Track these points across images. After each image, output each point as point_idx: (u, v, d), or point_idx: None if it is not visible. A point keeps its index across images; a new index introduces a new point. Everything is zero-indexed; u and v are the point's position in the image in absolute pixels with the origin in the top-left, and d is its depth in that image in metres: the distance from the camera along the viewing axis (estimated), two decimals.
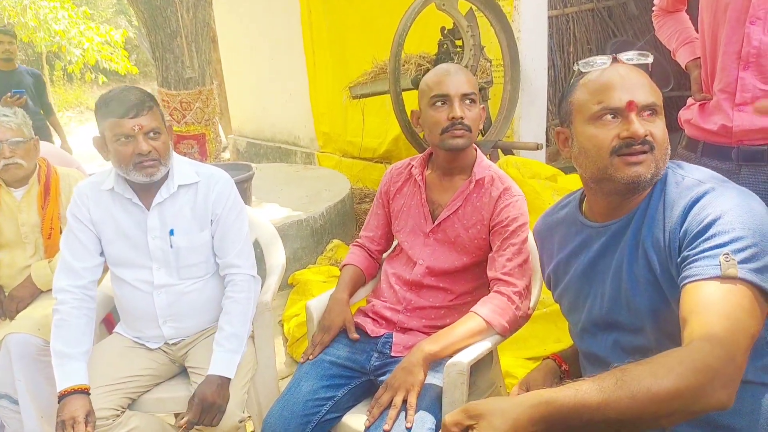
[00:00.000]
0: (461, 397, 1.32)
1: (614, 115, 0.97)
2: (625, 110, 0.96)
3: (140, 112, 1.48)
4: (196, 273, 1.65)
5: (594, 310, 1.06)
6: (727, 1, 1.37)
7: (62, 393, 1.45)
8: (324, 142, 5.40)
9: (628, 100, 0.96)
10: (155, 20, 3.18)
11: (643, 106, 0.96)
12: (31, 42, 9.43)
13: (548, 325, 2.30)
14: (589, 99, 0.99)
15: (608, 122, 0.97)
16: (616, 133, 0.97)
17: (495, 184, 1.52)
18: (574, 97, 1.03)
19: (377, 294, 1.66)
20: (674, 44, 1.71)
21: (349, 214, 3.80)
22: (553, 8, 4.36)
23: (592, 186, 1.05)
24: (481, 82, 3.30)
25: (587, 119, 1.00)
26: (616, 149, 0.96)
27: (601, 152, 0.98)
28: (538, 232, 1.26)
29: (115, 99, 1.49)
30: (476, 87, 1.51)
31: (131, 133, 1.48)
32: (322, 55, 5.15)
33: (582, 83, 1.03)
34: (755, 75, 1.37)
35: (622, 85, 0.97)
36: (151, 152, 1.50)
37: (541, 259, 1.27)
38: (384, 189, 1.70)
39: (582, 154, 1.01)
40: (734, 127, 1.40)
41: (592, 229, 1.08)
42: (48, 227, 2.00)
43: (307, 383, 1.45)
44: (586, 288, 1.08)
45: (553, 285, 1.20)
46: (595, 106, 0.98)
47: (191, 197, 1.63)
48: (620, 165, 0.96)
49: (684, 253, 0.89)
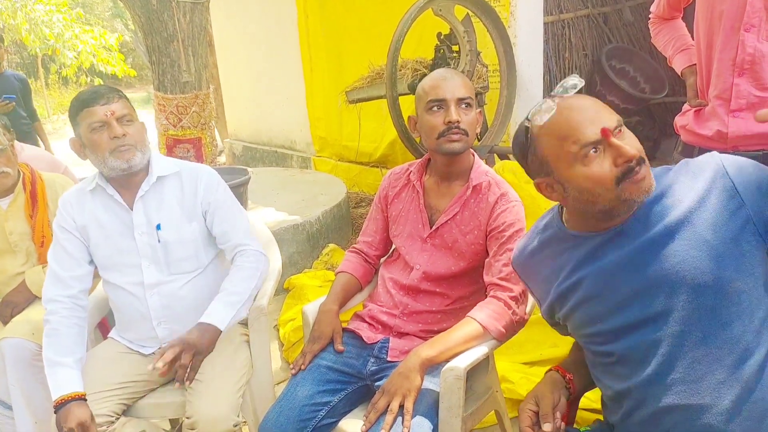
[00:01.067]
0: (458, 402, 1.32)
1: (596, 149, 0.97)
2: (603, 139, 0.97)
3: (110, 100, 1.53)
4: (186, 267, 1.64)
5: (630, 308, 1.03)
6: (721, 9, 1.39)
7: (59, 401, 1.44)
8: (320, 147, 5.40)
9: (602, 128, 0.96)
10: (152, 24, 3.18)
11: (614, 128, 0.97)
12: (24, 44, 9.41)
13: (544, 330, 2.28)
14: (564, 145, 0.99)
15: (595, 157, 0.97)
16: (609, 162, 0.97)
17: (492, 189, 1.52)
18: (542, 148, 1.02)
19: (374, 298, 1.65)
20: (670, 51, 1.72)
21: (345, 219, 3.80)
22: (549, 14, 4.38)
23: (600, 216, 1.04)
24: (478, 88, 3.31)
25: (572, 163, 0.99)
26: (620, 177, 0.97)
27: (605, 185, 0.97)
28: (520, 265, 1.24)
29: (85, 92, 1.56)
30: (472, 91, 1.51)
31: (104, 119, 1.51)
32: (318, 60, 5.15)
33: (543, 133, 1.02)
34: (750, 81, 1.38)
35: (586, 119, 0.97)
36: (126, 136, 1.53)
37: (533, 292, 1.24)
38: (382, 194, 1.70)
39: (585, 193, 1.00)
40: (729, 133, 1.42)
41: (597, 237, 1.06)
42: (40, 235, 1.98)
43: (304, 388, 1.44)
44: (608, 293, 1.06)
45: (559, 308, 1.16)
46: (574, 147, 0.97)
47: (177, 190, 1.64)
48: (630, 187, 0.97)
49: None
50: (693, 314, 0.97)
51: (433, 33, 3.31)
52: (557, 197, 1.06)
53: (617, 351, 1.06)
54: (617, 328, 1.05)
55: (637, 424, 1.04)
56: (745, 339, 0.95)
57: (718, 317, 0.96)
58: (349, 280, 1.68)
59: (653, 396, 1.00)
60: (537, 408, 1.11)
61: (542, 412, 1.09)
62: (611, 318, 1.05)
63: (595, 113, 0.98)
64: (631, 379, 1.03)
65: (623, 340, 1.04)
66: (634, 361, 1.04)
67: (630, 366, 1.04)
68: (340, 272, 1.71)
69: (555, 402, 1.11)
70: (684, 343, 0.98)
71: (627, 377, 1.04)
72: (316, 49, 5.15)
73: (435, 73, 1.53)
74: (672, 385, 0.98)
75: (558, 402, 1.11)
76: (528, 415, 1.10)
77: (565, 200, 1.05)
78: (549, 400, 1.10)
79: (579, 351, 1.21)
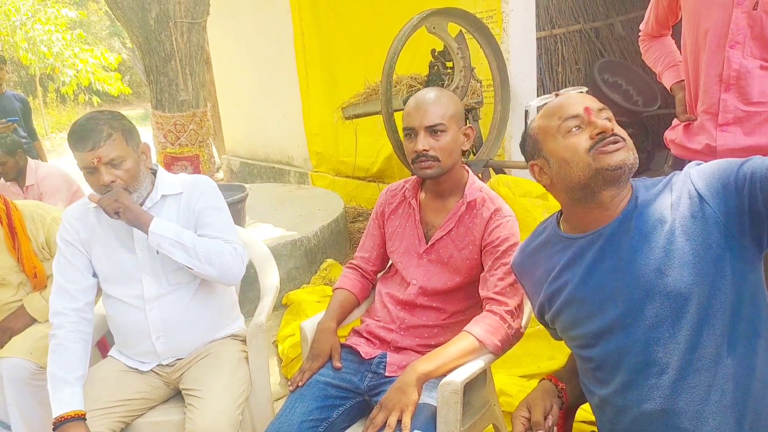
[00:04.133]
0: (455, 416, 1.33)
1: (578, 126, 1.06)
2: (585, 115, 1.06)
3: (97, 144, 1.47)
4: (183, 278, 1.64)
5: (607, 312, 1.06)
6: (707, 27, 1.42)
7: (58, 420, 1.44)
8: (317, 162, 5.43)
9: (584, 107, 1.06)
10: (149, 43, 3.22)
11: (598, 109, 1.06)
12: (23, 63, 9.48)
13: (541, 343, 2.31)
14: (550, 120, 1.10)
15: (576, 133, 1.06)
16: (586, 136, 1.05)
17: (486, 205, 1.54)
18: (536, 126, 1.13)
19: (371, 314, 1.67)
20: (659, 68, 1.76)
21: (343, 234, 3.82)
22: (541, 30, 4.44)
23: (579, 195, 1.08)
24: (472, 103, 3.35)
25: (555, 135, 1.09)
26: (591, 147, 1.04)
27: (579, 155, 1.05)
28: (518, 265, 1.29)
29: (77, 131, 1.50)
30: (448, 116, 1.49)
31: (92, 165, 1.49)
32: (314, 77, 5.20)
33: (538, 116, 1.13)
34: (737, 96, 1.41)
35: (573, 101, 1.08)
36: (114, 182, 1.50)
37: (527, 291, 1.29)
38: (379, 210, 1.72)
39: (564, 165, 1.08)
40: (718, 147, 1.44)
41: (582, 239, 1.11)
42: (30, 267, 1.96)
43: (302, 404, 1.45)
44: (589, 296, 1.09)
45: (547, 309, 1.21)
46: (557, 121, 1.08)
47: (176, 204, 1.66)
48: (602, 156, 1.03)
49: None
50: (665, 321, 1.00)
51: (427, 49, 3.36)
52: (546, 181, 1.14)
53: (595, 356, 1.09)
54: (595, 332, 1.08)
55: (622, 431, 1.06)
56: (715, 345, 0.97)
57: (689, 324, 0.98)
58: (347, 297, 1.69)
59: (632, 402, 1.03)
60: (529, 415, 1.13)
61: (534, 420, 1.11)
62: (590, 321, 1.09)
63: (585, 100, 1.08)
64: (610, 386, 1.06)
65: (600, 345, 1.08)
66: (610, 367, 1.07)
67: (607, 371, 1.07)
68: (337, 288, 1.72)
69: (547, 410, 1.13)
70: (655, 350, 1.00)
71: (606, 383, 1.07)
72: (312, 66, 5.20)
73: (412, 99, 1.55)
74: (649, 391, 1.00)
75: (550, 410, 1.13)
76: (521, 422, 1.13)
77: (551, 184, 1.13)
78: (541, 408, 1.12)
79: (573, 361, 1.23)
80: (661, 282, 1.00)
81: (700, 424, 0.97)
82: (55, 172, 3.23)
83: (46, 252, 1.99)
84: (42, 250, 1.98)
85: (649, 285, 1.01)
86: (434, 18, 3.08)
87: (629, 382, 1.03)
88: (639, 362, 1.02)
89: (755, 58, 1.37)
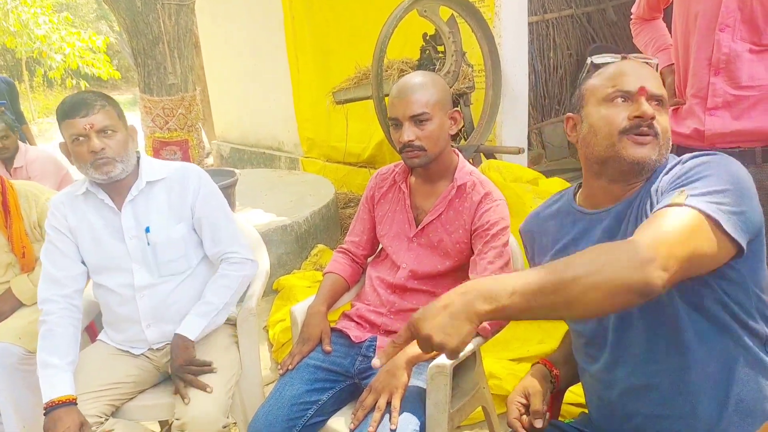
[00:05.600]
0: (444, 398, 1.34)
1: (625, 99, 1.02)
2: (637, 94, 1.02)
3: (91, 111, 1.51)
4: (177, 269, 1.65)
5: None
6: (697, 10, 1.42)
7: (49, 404, 1.44)
8: (308, 147, 5.41)
9: (641, 86, 1.02)
10: (137, 26, 3.17)
11: (652, 94, 1.02)
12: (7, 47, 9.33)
13: (531, 327, 2.33)
14: (604, 83, 1.05)
15: (620, 104, 1.03)
16: (626, 114, 1.01)
17: (476, 188, 1.54)
18: (589, 84, 1.08)
19: (361, 298, 1.67)
20: (650, 51, 1.76)
21: (334, 219, 3.81)
22: (533, 14, 4.42)
23: (596, 168, 1.08)
24: (463, 87, 3.34)
25: (600, 100, 1.05)
26: (626, 129, 1.01)
27: (611, 130, 1.02)
28: (527, 229, 1.27)
29: (68, 102, 1.53)
30: (432, 103, 1.47)
31: (83, 132, 1.50)
32: (305, 61, 5.16)
33: (598, 73, 1.08)
34: (726, 80, 1.41)
35: (636, 74, 1.03)
36: (104, 149, 1.51)
37: (530, 256, 1.28)
38: (369, 194, 1.71)
39: (591, 133, 1.06)
40: (706, 131, 1.45)
41: (592, 216, 1.10)
42: (19, 246, 1.95)
43: (292, 387, 1.45)
44: None
45: None
46: (609, 89, 1.04)
47: (165, 193, 1.65)
48: (628, 144, 1.01)
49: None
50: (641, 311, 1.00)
51: (419, 34, 3.34)
52: (574, 138, 1.12)
53: (585, 333, 1.11)
54: None
55: (608, 407, 1.08)
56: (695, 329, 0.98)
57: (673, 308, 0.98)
58: (337, 281, 1.70)
59: (618, 377, 1.04)
60: (525, 401, 1.13)
61: (533, 408, 1.11)
62: None
63: (646, 76, 1.04)
64: (599, 361, 1.07)
65: (589, 322, 1.09)
66: (597, 344, 1.08)
67: (596, 347, 1.08)
68: (327, 273, 1.72)
69: (545, 397, 1.14)
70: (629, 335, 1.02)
71: (596, 358, 1.08)
72: (302, 51, 5.16)
73: (395, 87, 1.53)
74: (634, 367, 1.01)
75: (546, 396, 1.14)
76: (516, 407, 1.13)
77: (577, 143, 1.10)
78: (540, 396, 1.13)
79: (566, 346, 1.24)
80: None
81: (683, 401, 0.98)
82: (45, 156, 3.20)
83: (37, 232, 1.98)
84: (33, 230, 1.97)
85: None
86: (426, 1, 3.06)
87: (616, 359, 1.04)
88: (617, 344, 1.03)
89: (744, 42, 1.37)
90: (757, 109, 1.40)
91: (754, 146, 1.42)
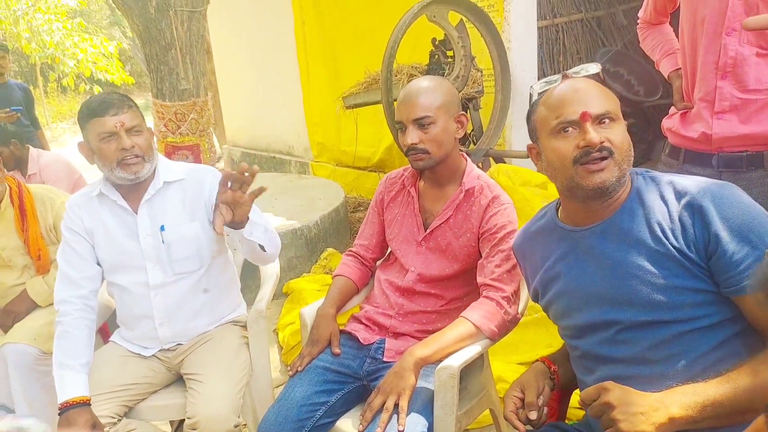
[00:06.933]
0: (452, 400, 1.35)
1: (572, 128, 1.04)
2: (580, 121, 1.03)
3: (120, 110, 1.54)
4: (190, 267, 1.66)
5: (592, 309, 1.09)
6: (704, 14, 1.42)
7: (64, 405, 1.47)
8: (318, 152, 5.44)
9: (582, 112, 1.03)
10: (150, 32, 3.22)
11: (596, 115, 1.03)
12: (24, 52, 9.46)
13: (539, 330, 2.33)
14: (549, 115, 1.08)
15: (567, 134, 1.05)
16: (575, 143, 1.03)
17: (484, 192, 1.55)
18: (537, 115, 1.11)
19: (370, 300, 1.69)
20: (657, 55, 1.76)
21: (343, 223, 3.83)
22: (542, 19, 4.42)
23: (566, 193, 1.11)
24: (472, 92, 3.35)
25: (549, 133, 1.08)
26: (577, 158, 1.03)
27: (564, 163, 1.05)
28: (518, 246, 1.31)
29: (96, 101, 1.56)
30: (435, 106, 1.48)
31: (114, 130, 1.53)
32: (315, 66, 5.19)
33: (542, 102, 1.10)
34: (733, 84, 1.41)
35: (575, 99, 1.05)
36: (134, 147, 1.54)
37: (525, 274, 1.31)
38: (379, 198, 1.73)
39: (550, 166, 1.09)
40: (714, 135, 1.45)
41: (575, 233, 1.13)
42: (35, 249, 1.99)
43: (301, 389, 1.47)
44: (578, 291, 1.12)
45: (541, 295, 1.23)
46: (554, 121, 1.06)
47: (181, 192, 1.67)
48: (584, 173, 1.03)
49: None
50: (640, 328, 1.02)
51: (428, 38, 3.35)
52: (540, 166, 1.14)
53: (581, 347, 1.12)
54: (581, 325, 1.12)
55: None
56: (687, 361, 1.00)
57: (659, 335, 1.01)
58: (346, 283, 1.71)
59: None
60: (522, 395, 1.15)
61: (528, 400, 1.13)
62: (578, 315, 1.12)
63: (587, 96, 1.04)
64: (595, 374, 1.08)
65: (585, 339, 1.11)
66: (593, 358, 1.10)
67: (592, 361, 1.10)
68: (337, 275, 1.74)
69: (539, 391, 1.15)
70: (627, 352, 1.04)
71: (591, 371, 1.09)
72: (312, 56, 5.19)
73: (402, 92, 1.55)
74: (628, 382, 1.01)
75: (542, 391, 1.16)
76: (513, 400, 1.15)
77: (546, 172, 1.13)
78: (534, 389, 1.15)
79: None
80: (640, 292, 1.02)
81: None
82: (58, 160, 3.25)
83: (53, 235, 2.02)
84: (49, 233, 2.01)
85: (629, 291, 1.03)
86: (435, 6, 3.08)
87: (611, 375, 1.04)
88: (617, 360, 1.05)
89: (752, 45, 1.37)
90: (764, 112, 1.40)
91: (761, 150, 1.41)
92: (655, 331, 1.01)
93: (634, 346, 1.04)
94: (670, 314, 0.99)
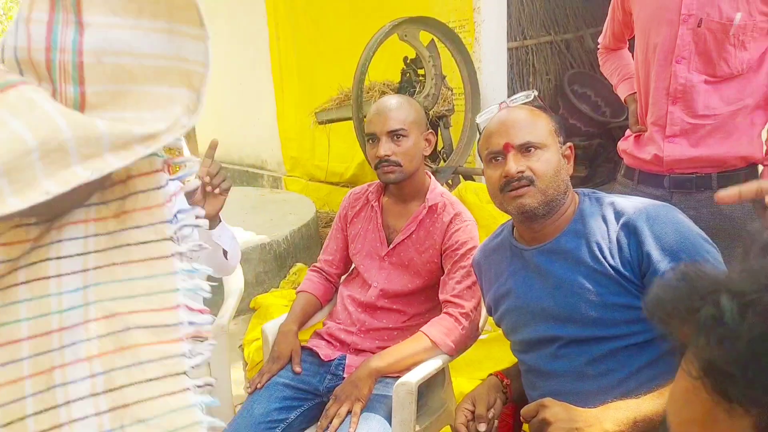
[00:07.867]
0: (410, 415, 1.36)
1: (500, 158, 1.12)
2: (504, 152, 1.11)
3: None
4: None
5: (538, 325, 1.14)
6: (656, 42, 1.48)
7: None
8: (291, 166, 5.44)
9: (504, 143, 1.10)
10: None
11: (519, 145, 1.10)
12: None
13: (504, 347, 2.32)
14: (482, 145, 1.17)
15: (496, 163, 1.13)
16: (501, 172, 1.11)
17: (447, 209, 1.58)
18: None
19: (333, 316, 1.69)
20: (615, 79, 1.82)
21: (314, 238, 3.83)
22: (512, 40, 4.52)
23: (513, 218, 1.18)
24: (443, 110, 3.40)
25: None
26: (501, 187, 1.11)
27: (494, 189, 1.13)
28: (477, 262, 1.35)
29: None
30: (409, 121, 1.52)
31: None
32: (289, 81, 5.21)
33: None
34: (683, 109, 1.47)
35: (500, 130, 1.12)
36: None
37: (482, 288, 1.35)
38: (342, 213, 1.74)
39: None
40: (665, 157, 1.50)
41: (526, 251, 1.17)
42: None
43: (260, 405, 1.46)
44: (526, 307, 1.16)
45: (494, 310, 1.28)
46: (485, 152, 1.15)
47: None
48: (509, 199, 1.11)
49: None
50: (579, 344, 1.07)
51: (400, 57, 3.40)
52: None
53: (527, 362, 1.15)
54: (528, 340, 1.16)
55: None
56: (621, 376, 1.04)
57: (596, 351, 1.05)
58: (309, 300, 1.71)
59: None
60: (473, 408, 1.17)
61: (477, 412, 1.16)
62: (525, 330, 1.16)
63: (514, 127, 1.11)
64: (538, 388, 1.11)
65: (531, 353, 1.15)
66: (537, 373, 1.14)
67: (536, 375, 1.14)
68: (300, 291, 1.74)
69: (490, 404, 1.17)
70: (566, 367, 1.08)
71: (535, 386, 1.12)
72: (287, 71, 5.21)
73: (374, 106, 1.59)
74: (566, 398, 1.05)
75: (494, 404, 1.17)
76: (463, 413, 1.17)
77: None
78: (485, 402, 1.17)
79: None
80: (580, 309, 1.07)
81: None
82: None
83: None
84: None
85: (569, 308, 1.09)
86: (406, 26, 3.13)
87: (552, 390, 1.08)
88: (556, 377, 1.09)
89: (700, 73, 1.43)
90: (713, 137, 1.46)
91: (710, 172, 1.47)
92: (593, 346, 1.04)
93: (573, 361, 1.07)
94: (606, 330, 1.03)
